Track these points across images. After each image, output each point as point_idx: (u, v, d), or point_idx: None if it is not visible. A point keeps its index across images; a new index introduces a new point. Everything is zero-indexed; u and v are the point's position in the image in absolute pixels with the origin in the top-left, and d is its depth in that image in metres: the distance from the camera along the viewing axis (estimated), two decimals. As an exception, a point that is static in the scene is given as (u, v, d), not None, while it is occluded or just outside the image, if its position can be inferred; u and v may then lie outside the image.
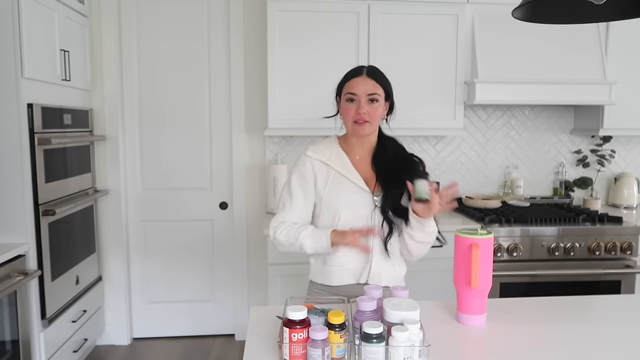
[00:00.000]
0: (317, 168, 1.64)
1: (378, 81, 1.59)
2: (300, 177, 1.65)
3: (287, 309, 1.15)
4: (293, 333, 1.12)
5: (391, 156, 1.66)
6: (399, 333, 1.09)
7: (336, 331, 1.14)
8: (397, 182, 1.58)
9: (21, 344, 2.27)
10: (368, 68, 1.62)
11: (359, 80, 1.58)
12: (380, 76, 1.61)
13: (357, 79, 1.59)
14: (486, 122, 3.36)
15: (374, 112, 1.58)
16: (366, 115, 1.57)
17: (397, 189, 1.58)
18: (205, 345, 3.26)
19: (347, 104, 1.59)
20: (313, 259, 1.70)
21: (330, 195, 1.62)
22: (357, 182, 1.62)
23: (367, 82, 1.58)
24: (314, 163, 1.64)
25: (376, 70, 1.63)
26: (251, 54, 3.17)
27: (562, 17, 1.35)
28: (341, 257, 1.61)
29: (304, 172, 1.65)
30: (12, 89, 2.26)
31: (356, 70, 1.62)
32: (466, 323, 1.39)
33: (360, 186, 1.62)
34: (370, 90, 1.57)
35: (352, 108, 1.58)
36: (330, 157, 1.64)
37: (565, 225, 2.73)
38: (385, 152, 1.66)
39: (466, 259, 1.36)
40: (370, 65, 1.65)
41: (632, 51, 3.04)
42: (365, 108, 1.56)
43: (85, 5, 2.95)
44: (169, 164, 3.24)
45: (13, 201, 2.32)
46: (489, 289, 1.38)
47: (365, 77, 1.59)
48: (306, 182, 1.64)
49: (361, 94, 1.57)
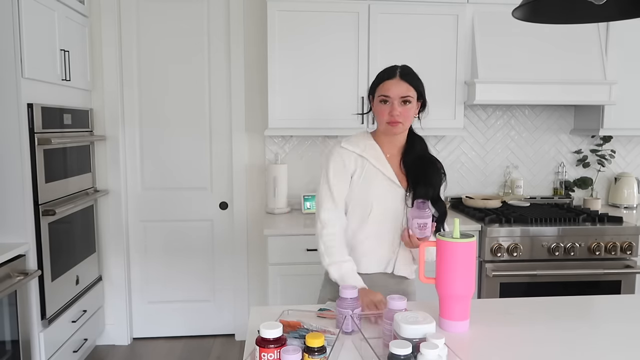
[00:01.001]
0: (353, 160, 1.67)
1: (411, 83, 1.62)
2: (336, 170, 1.67)
3: (260, 326, 1.06)
4: (263, 352, 1.04)
5: (419, 155, 1.70)
6: (428, 350, 1.02)
7: (314, 355, 1.04)
8: (424, 181, 1.64)
9: (21, 344, 2.27)
10: (401, 69, 1.63)
11: (393, 83, 1.61)
12: (413, 78, 1.64)
13: (390, 81, 1.61)
14: (486, 122, 3.36)
15: (407, 113, 1.62)
16: (399, 116, 1.61)
17: (425, 188, 1.64)
18: (205, 345, 3.26)
19: (380, 105, 1.63)
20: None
21: (364, 188, 1.65)
22: (390, 176, 1.66)
23: (401, 85, 1.61)
24: (349, 155, 1.67)
25: (409, 71, 1.65)
26: (251, 54, 3.17)
27: (562, 17, 1.34)
28: (369, 246, 1.66)
29: (340, 163, 1.67)
30: (12, 89, 2.26)
31: (390, 72, 1.64)
32: (448, 329, 1.34)
33: (393, 181, 1.66)
34: (403, 93, 1.60)
35: (386, 109, 1.62)
36: (365, 149, 1.68)
37: (566, 225, 2.73)
38: (414, 151, 1.70)
39: (448, 263, 1.32)
40: (403, 66, 1.66)
41: (632, 51, 3.04)
42: (398, 110, 1.60)
43: (85, 5, 2.95)
44: (169, 164, 3.24)
45: (13, 201, 2.33)
46: (471, 295, 1.34)
47: (398, 79, 1.61)
48: (343, 174, 1.67)
49: (394, 96, 1.60)
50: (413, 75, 1.64)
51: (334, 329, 1.28)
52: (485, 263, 2.68)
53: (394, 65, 1.67)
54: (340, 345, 1.22)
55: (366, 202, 1.65)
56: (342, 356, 1.20)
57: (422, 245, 1.44)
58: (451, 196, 3.33)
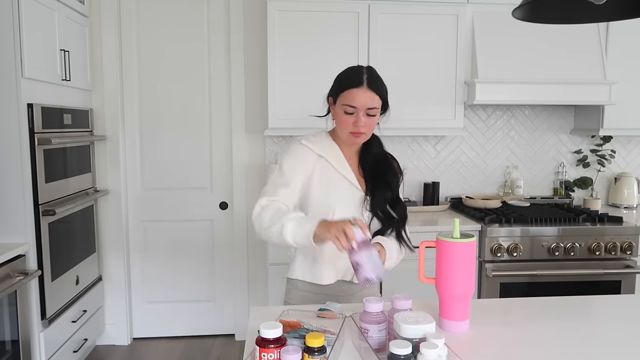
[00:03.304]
0: (312, 160, 1.58)
1: (378, 92, 1.51)
2: (296, 163, 1.58)
3: (260, 326, 1.06)
4: (263, 352, 1.03)
5: (375, 154, 1.64)
6: (428, 350, 1.02)
7: (314, 355, 1.04)
8: (382, 183, 1.58)
9: (21, 344, 2.27)
10: (368, 77, 1.51)
11: (359, 92, 1.49)
12: (380, 86, 1.53)
13: (356, 90, 1.50)
14: (486, 122, 3.36)
15: (372, 124, 1.54)
16: (363, 127, 1.52)
17: (383, 190, 1.58)
18: (205, 345, 3.26)
19: (344, 115, 1.52)
20: (302, 256, 1.65)
21: (324, 191, 1.57)
22: (350, 179, 1.60)
23: (367, 95, 1.50)
24: (309, 154, 1.59)
25: (375, 78, 1.54)
26: (251, 54, 3.17)
27: (562, 17, 1.34)
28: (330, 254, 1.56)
29: (299, 159, 1.58)
30: (12, 89, 2.26)
31: (355, 79, 1.51)
32: (448, 329, 1.34)
33: (353, 183, 1.60)
34: (369, 104, 1.50)
35: (350, 119, 1.52)
36: (324, 149, 1.60)
37: (566, 225, 2.73)
38: (371, 152, 1.64)
39: (448, 263, 1.32)
40: (368, 71, 1.54)
41: (632, 51, 3.04)
42: (363, 121, 1.51)
43: (85, 5, 2.95)
44: (169, 164, 3.24)
45: (13, 201, 2.33)
46: (471, 295, 1.34)
47: (365, 88, 1.49)
48: (301, 170, 1.57)
49: (360, 107, 1.50)
50: (379, 83, 1.53)
51: (334, 329, 1.28)
52: (485, 263, 2.68)
53: (358, 68, 1.55)
54: (340, 345, 1.22)
55: (327, 206, 1.55)
56: (342, 356, 1.20)
57: (422, 245, 1.44)
58: (451, 196, 3.33)
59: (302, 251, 1.63)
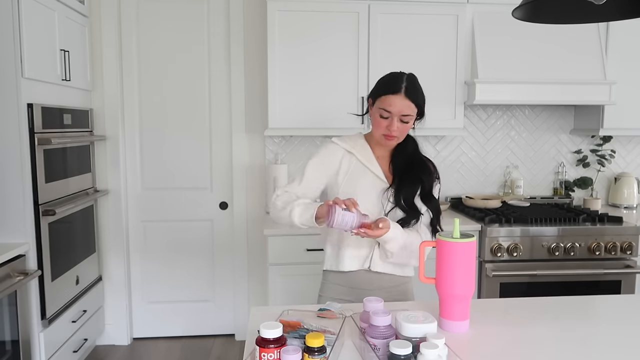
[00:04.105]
0: (340, 155, 1.68)
1: (414, 101, 1.57)
2: (319, 162, 1.69)
3: (260, 326, 1.07)
4: (263, 352, 1.04)
5: (408, 155, 1.70)
6: (428, 350, 1.02)
7: (314, 355, 1.04)
8: (412, 177, 1.64)
9: (21, 344, 2.27)
10: (407, 85, 1.57)
11: (396, 100, 1.55)
12: (418, 95, 1.59)
13: (394, 97, 1.56)
14: (486, 122, 3.36)
15: (405, 129, 1.61)
16: (396, 132, 1.59)
17: (412, 183, 1.63)
18: (205, 345, 3.26)
19: (379, 118, 1.60)
20: (330, 246, 1.72)
21: (349, 183, 1.65)
22: (377, 173, 1.66)
23: (404, 103, 1.56)
24: (337, 150, 1.69)
25: (415, 86, 1.59)
26: (251, 54, 3.17)
27: (562, 17, 1.34)
28: (352, 241, 1.64)
29: (325, 157, 1.69)
30: (12, 89, 2.26)
31: (395, 86, 1.57)
32: (449, 329, 1.34)
33: (379, 177, 1.66)
34: (405, 111, 1.56)
35: (384, 123, 1.59)
36: (354, 146, 1.68)
37: (565, 225, 2.73)
38: (405, 152, 1.70)
39: (448, 263, 1.32)
40: (409, 79, 1.59)
41: (632, 51, 3.04)
42: (397, 125, 1.58)
43: (85, 5, 2.95)
44: (169, 164, 3.24)
45: (13, 201, 2.33)
46: (471, 295, 1.34)
47: (403, 96, 1.55)
48: (324, 167, 1.68)
49: (396, 113, 1.56)
50: (417, 91, 1.59)
51: (334, 329, 1.28)
52: (485, 263, 2.68)
53: (399, 75, 1.60)
54: (340, 345, 1.22)
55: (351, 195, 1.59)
56: (342, 356, 1.20)
57: (422, 245, 1.44)
58: (451, 196, 3.33)
59: (330, 241, 1.72)
